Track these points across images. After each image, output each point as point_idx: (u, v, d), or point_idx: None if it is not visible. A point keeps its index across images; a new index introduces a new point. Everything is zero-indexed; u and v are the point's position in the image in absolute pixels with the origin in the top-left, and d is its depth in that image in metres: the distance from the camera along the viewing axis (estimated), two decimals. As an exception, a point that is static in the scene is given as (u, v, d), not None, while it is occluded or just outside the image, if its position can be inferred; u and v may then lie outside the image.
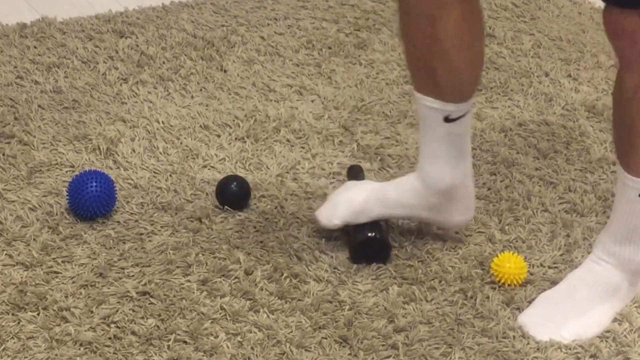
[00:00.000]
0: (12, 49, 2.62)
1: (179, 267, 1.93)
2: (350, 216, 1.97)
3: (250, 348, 1.77)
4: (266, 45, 2.72)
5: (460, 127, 1.91)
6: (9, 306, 1.82)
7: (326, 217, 1.99)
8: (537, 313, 1.87)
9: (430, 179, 1.94)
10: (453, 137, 1.91)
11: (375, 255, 1.97)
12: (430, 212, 1.98)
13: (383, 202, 1.97)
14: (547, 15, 3.00)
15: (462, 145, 1.93)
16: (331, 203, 2.00)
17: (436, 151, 1.91)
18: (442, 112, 1.87)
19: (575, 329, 1.85)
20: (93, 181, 2.01)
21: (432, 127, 1.89)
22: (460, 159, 1.94)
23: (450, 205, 1.97)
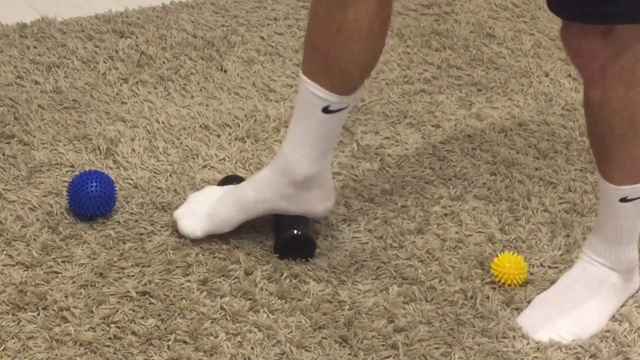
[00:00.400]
0: (12, 49, 2.62)
1: (179, 267, 1.93)
2: (214, 227, 1.96)
3: (250, 348, 1.77)
4: (266, 45, 2.72)
5: (335, 121, 1.87)
6: (9, 306, 1.82)
7: (190, 229, 1.96)
8: (534, 314, 1.87)
9: (289, 167, 1.90)
10: (325, 129, 1.88)
11: (300, 251, 1.97)
12: (289, 203, 1.95)
13: (244, 206, 1.95)
14: (547, 15, 3.00)
15: (331, 139, 1.90)
16: (194, 215, 1.97)
17: (304, 139, 1.88)
18: (324, 101, 1.84)
19: (574, 329, 1.85)
20: (93, 181, 2.01)
21: (308, 114, 1.86)
22: (324, 153, 1.91)
23: (308, 195, 1.94)
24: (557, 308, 1.87)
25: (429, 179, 2.24)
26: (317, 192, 1.96)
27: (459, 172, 2.27)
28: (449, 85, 2.61)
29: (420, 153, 2.33)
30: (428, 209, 2.13)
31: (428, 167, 2.28)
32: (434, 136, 2.39)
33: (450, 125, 2.43)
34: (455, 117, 2.47)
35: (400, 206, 2.14)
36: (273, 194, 1.93)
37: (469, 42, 2.81)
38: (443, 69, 2.67)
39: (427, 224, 2.10)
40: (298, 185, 1.92)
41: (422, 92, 2.56)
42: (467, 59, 2.73)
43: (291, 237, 1.97)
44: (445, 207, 2.15)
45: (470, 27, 2.89)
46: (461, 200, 2.18)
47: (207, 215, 1.96)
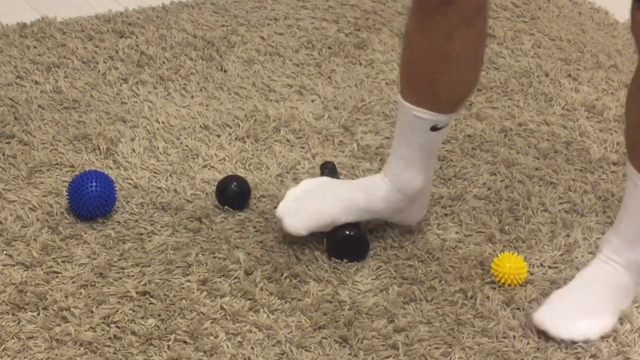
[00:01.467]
0: (12, 49, 2.62)
1: (179, 267, 1.93)
2: (318, 227, 1.96)
3: (250, 348, 1.77)
4: (266, 45, 2.72)
5: (442, 135, 1.93)
6: (9, 306, 1.82)
7: (293, 227, 1.95)
8: (550, 311, 1.86)
9: (402, 184, 1.94)
10: (432, 144, 1.93)
11: (353, 252, 1.98)
12: (393, 213, 1.99)
13: (351, 211, 1.96)
14: (547, 15, 3.00)
15: (435, 151, 1.96)
16: (299, 211, 1.96)
17: (413, 157, 1.92)
18: (431, 122, 1.88)
19: (587, 329, 1.84)
20: (93, 181, 2.01)
21: (416, 134, 1.90)
22: (431, 165, 1.96)
23: (411, 206, 1.98)
24: (575, 306, 1.87)
25: (429, 179, 2.24)
26: (419, 203, 1.99)
27: (459, 172, 2.27)
28: (449, 85, 2.61)
29: (420, 153, 2.32)
30: (428, 209, 2.13)
31: (428, 167, 2.28)
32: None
33: (450, 125, 2.43)
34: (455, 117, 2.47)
35: (400, 206, 2.14)
36: (386, 205, 1.97)
37: (469, 42, 2.81)
38: (443, 69, 2.67)
39: (427, 224, 2.10)
40: (410, 198, 1.96)
41: (422, 92, 2.56)
42: (467, 59, 2.72)
43: (345, 238, 1.97)
44: (445, 207, 2.15)
45: (470, 27, 2.89)
46: (461, 200, 2.18)
47: (312, 217, 1.95)
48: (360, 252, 1.98)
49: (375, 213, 1.98)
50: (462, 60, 1.83)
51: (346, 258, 1.97)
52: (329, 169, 2.16)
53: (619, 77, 2.69)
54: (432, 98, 1.87)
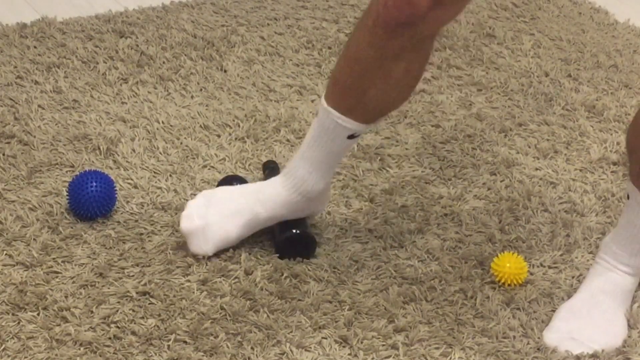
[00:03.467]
0: (12, 49, 2.62)
1: (179, 267, 1.93)
2: (225, 245, 1.96)
3: (250, 348, 1.77)
4: (266, 45, 2.72)
5: (354, 142, 1.91)
6: (9, 306, 1.82)
7: (200, 248, 1.94)
8: (563, 328, 1.85)
9: (306, 187, 1.93)
10: (344, 151, 1.92)
11: (301, 250, 1.97)
12: (294, 213, 1.97)
13: (254, 223, 1.95)
14: (547, 15, 3.00)
15: (343, 157, 1.97)
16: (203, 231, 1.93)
17: (322, 162, 1.91)
18: (351, 130, 1.87)
19: (603, 341, 1.83)
20: (93, 181, 2.01)
21: (332, 140, 1.88)
22: (334, 168, 1.96)
23: (316, 203, 1.97)
24: (587, 320, 1.85)
25: (429, 179, 2.24)
26: (323, 197, 1.98)
27: (459, 172, 2.27)
28: (449, 85, 2.61)
29: (420, 153, 2.33)
30: (428, 209, 2.13)
31: (428, 167, 2.28)
32: (434, 136, 2.39)
33: (450, 125, 2.43)
34: (455, 117, 2.47)
35: (400, 206, 2.14)
36: (286, 210, 1.95)
37: (469, 42, 2.81)
38: (443, 69, 2.67)
39: (427, 224, 2.10)
40: (310, 200, 1.95)
41: (422, 92, 2.56)
42: (467, 59, 2.73)
43: (292, 236, 1.97)
44: (445, 207, 2.15)
45: (470, 27, 2.89)
46: (461, 200, 2.18)
47: (217, 236, 1.94)
48: (306, 251, 1.98)
49: (277, 218, 1.96)
50: (402, 80, 1.82)
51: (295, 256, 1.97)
52: (271, 168, 2.16)
53: (619, 77, 2.69)
54: (359, 110, 1.85)
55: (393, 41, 1.76)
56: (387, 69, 1.79)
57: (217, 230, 1.94)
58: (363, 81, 1.82)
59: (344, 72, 1.85)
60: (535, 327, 1.85)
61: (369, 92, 1.82)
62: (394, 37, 1.75)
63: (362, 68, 1.82)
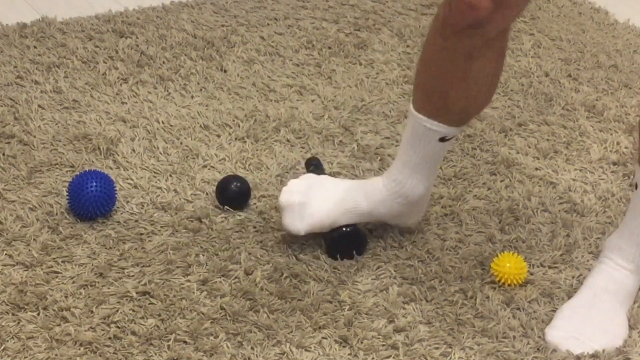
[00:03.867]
0: (12, 49, 2.62)
1: (179, 267, 1.93)
2: (318, 229, 1.96)
3: (250, 348, 1.77)
4: (266, 45, 2.72)
5: (449, 145, 1.93)
6: (9, 306, 1.82)
7: (293, 226, 1.95)
8: (565, 327, 1.85)
9: (406, 191, 1.94)
10: (439, 154, 1.93)
11: (352, 248, 1.98)
12: (392, 217, 1.99)
13: (353, 213, 1.96)
14: (547, 15, 3.00)
15: (440, 160, 1.97)
16: (301, 209, 1.95)
17: (419, 166, 1.92)
18: (441, 133, 1.88)
19: (605, 341, 1.83)
20: (93, 181, 2.01)
21: (425, 145, 1.90)
22: (434, 172, 1.97)
23: (411, 210, 1.99)
24: (589, 319, 1.85)
25: (429, 179, 2.24)
26: (417, 208, 2.00)
27: (459, 172, 2.27)
28: (449, 85, 2.61)
29: (420, 153, 2.32)
30: (428, 209, 2.13)
31: (428, 167, 2.27)
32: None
33: (451, 125, 2.43)
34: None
35: (400, 206, 2.14)
36: (386, 209, 1.96)
37: (469, 42, 2.81)
38: (443, 69, 2.67)
39: (427, 224, 2.10)
40: (411, 204, 1.96)
41: (422, 92, 2.56)
42: (467, 59, 2.72)
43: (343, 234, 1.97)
44: (445, 207, 2.15)
45: (470, 27, 2.89)
46: (461, 200, 2.18)
47: (314, 216, 1.95)
48: (358, 249, 1.98)
49: (375, 216, 1.98)
50: (480, 79, 1.83)
51: (345, 255, 1.97)
52: (314, 165, 2.16)
53: (619, 77, 2.69)
54: (444, 112, 1.86)
55: (463, 42, 1.77)
56: (463, 70, 1.81)
57: (316, 210, 1.95)
58: (442, 84, 1.84)
59: (423, 76, 1.88)
60: (535, 327, 1.85)
61: (450, 94, 1.84)
62: (463, 38, 1.77)
63: (438, 71, 1.84)
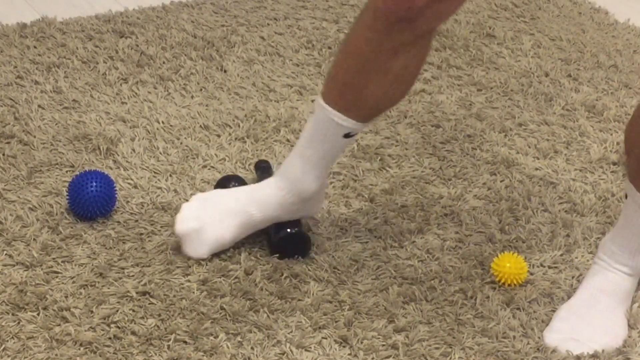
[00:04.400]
0: (12, 49, 2.62)
1: (179, 267, 1.93)
2: (220, 248, 1.95)
3: (250, 348, 1.77)
4: (266, 45, 2.72)
5: (350, 141, 1.91)
6: (9, 306, 1.82)
7: (195, 252, 1.93)
8: (564, 328, 1.85)
9: (299, 188, 1.92)
10: (339, 150, 1.92)
11: (295, 249, 1.97)
12: (289, 214, 1.96)
13: (249, 225, 1.95)
14: (547, 15, 3.00)
15: (338, 157, 1.96)
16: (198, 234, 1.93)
17: (317, 162, 1.90)
18: (348, 129, 1.86)
19: (606, 340, 1.83)
20: (93, 181, 2.01)
21: (328, 140, 1.88)
22: (329, 168, 1.95)
23: (311, 203, 1.97)
24: (587, 320, 1.85)
25: (429, 179, 2.24)
26: (317, 198, 1.97)
27: (459, 172, 2.27)
28: (449, 85, 2.61)
29: (420, 153, 2.33)
30: (428, 209, 2.13)
31: (428, 167, 2.28)
32: (434, 136, 2.39)
33: (450, 125, 2.43)
34: (455, 117, 2.47)
35: (400, 206, 2.14)
36: (281, 210, 1.94)
37: (469, 42, 2.81)
38: (443, 69, 2.67)
39: (427, 224, 2.10)
40: (304, 200, 1.94)
41: (422, 92, 2.56)
42: (467, 59, 2.73)
43: (287, 236, 1.97)
44: (445, 207, 2.15)
45: (470, 27, 2.89)
46: (461, 200, 2.18)
47: (212, 238, 1.94)
48: (302, 250, 1.98)
49: (271, 220, 1.96)
50: (399, 77, 1.81)
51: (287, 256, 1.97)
52: (263, 168, 2.15)
53: (619, 77, 2.69)
54: (356, 107, 1.84)
55: (392, 36, 1.75)
56: (386, 65, 1.79)
57: (212, 232, 1.94)
58: (361, 77, 1.82)
59: (342, 69, 1.84)
60: (535, 327, 1.85)
61: (367, 88, 1.82)
62: (392, 33, 1.75)
63: (360, 64, 1.81)
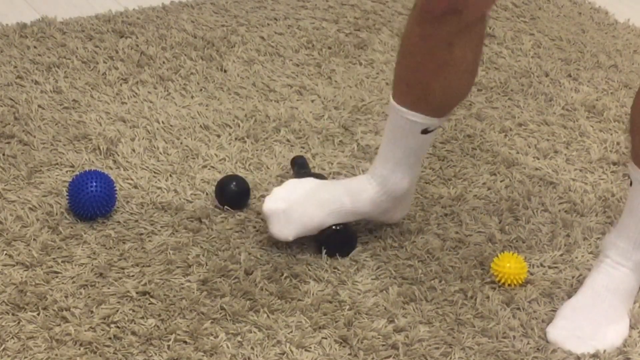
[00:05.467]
0: (12, 49, 2.62)
1: (179, 267, 1.93)
2: (305, 232, 1.95)
3: (250, 348, 1.77)
4: (266, 45, 2.72)
5: (431, 138, 1.93)
6: (9, 306, 1.82)
7: (281, 233, 1.94)
8: (567, 325, 1.85)
9: (390, 187, 1.94)
10: (422, 147, 1.93)
11: (341, 246, 1.98)
12: (379, 214, 1.99)
13: (338, 215, 1.96)
14: (547, 15, 3.00)
15: (423, 153, 1.97)
16: (286, 215, 1.93)
17: (402, 159, 1.92)
18: (423, 125, 1.88)
19: (606, 340, 1.83)
20: (93, 181, 2.01)
21: (407, 137, 1.90)
22: (417, 166, 1.97)
23: (396, 206, 1.99)
24: (590, 318, 1.85)
25: (429, 179, 2.24)
26: (406, 201, 2.00)
27: (459, 172, 2.27)
28: (449, 85, 2.61)
29: (420, 153, 2.32)
30: (428, 209, 2.13)
31: (428, 167, 2.28)
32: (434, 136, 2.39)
33: (450, 125, 2.43)
34: (455, 117, 2.47)
35: (400, 206, 2.14)
36: (371, 207, 1.96)
37: (469, 42, 2.81)
38: (443, 69, 2.67)
39: (427, 224, 2.10)
40: (396, 200, 1.96)
41: (422, 92, 2.56)
42: (467, 59, 2.72)
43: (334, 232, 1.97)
44: (445, 207, 2.15)
45: (470, 27, 2.89)
46: (461, 200, 2.18)
47: (300, 220, 1.94)
48: (349, 247, 1.99)
49: (361, 215, 1.98)
50: (460, 67, 1.83)
51: (336, 254, 1.97)
52: (299, 163, 2.16)
53: (619, 77, 2.69)
54: (425, 103, 1.87)
55: (441, 29, 1.77)
56: (442, 58, 1.81)
57: (301, 214, 1.94)
58: (422, 73, 1.84)
59: (403, 67, 1.88)
60: (535, 327, 1.85)
61: (430, 84, 1.84)
62: (440, 26, 1.77)
63: (417, 60, 1.84)
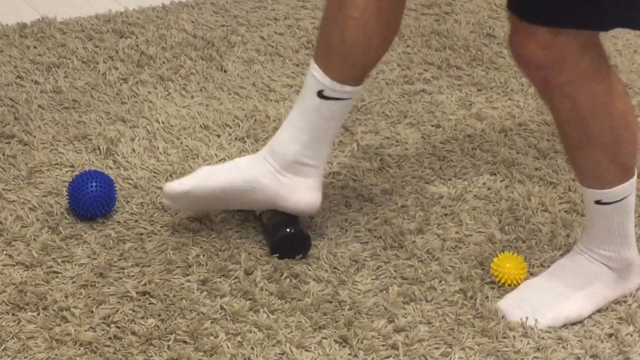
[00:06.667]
0: (12, 49, 2.62)
1: (179, 267, 1.93)
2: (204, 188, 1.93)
3: (250, 348, 1.77)
4: (266, 45, 2.72)
5: (330, 109, 1.88)
6: (9, 306, 1.82)
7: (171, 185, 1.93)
8: (515, 297, 1.89)
9: (278, 146, 1.92)
10: (318, 115, 1.88)
11: (295, 248, 1.97)
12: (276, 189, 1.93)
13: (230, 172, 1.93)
14: (547, 15, 3.00)
15: (325, 129, 1.90)
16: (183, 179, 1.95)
17: (295, 121, 1.90)
18: (319, 84, 1.86)
19: (550, 315, 1.86)
20: (93, 181, 2.01)
21: (305, 97, 1.89)
22: (316, 142, 1.91)
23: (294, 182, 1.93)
24: (540, 293, 1.89)
25: (429, 179, 2.24)
26: (303, 181, 1.95)
27: (459, 172, 2.27)
28: (449, 85, 2.61)
29: (420, 153, 2.33)
30: (428, 209, 2.13)
31: (428, 167, 2.28)
32: (434, 136, 2.39)
33: (450, 125, 2.43)
34: (455, 117, 2.47)
35: (400, 206, 2.14)
36: (260, 172, 1.93)
37: (469, 42, 2.81)
38: (443, 69, 2.67)
39: (427, 224, 2.10)
40: (285, 168, 1.92)
41: (422, 92, 2.56)
42: (467, 59, 2.73)
43: (286, 236, 1.96)
44: (445, 207, 2.15)
45: (470, 27, 2.89)
46: (461, 200, 2.18)
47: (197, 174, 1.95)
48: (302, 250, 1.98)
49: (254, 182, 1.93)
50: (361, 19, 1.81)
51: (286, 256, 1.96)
52: None
53: (619, 77, 2.69)
54: (324, 54, 1.86)
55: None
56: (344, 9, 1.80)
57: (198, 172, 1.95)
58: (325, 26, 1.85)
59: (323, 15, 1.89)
60: (535, 327, 1.85)
61: (331, 33, 1.84)
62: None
63: (325, 14, 1.86)
